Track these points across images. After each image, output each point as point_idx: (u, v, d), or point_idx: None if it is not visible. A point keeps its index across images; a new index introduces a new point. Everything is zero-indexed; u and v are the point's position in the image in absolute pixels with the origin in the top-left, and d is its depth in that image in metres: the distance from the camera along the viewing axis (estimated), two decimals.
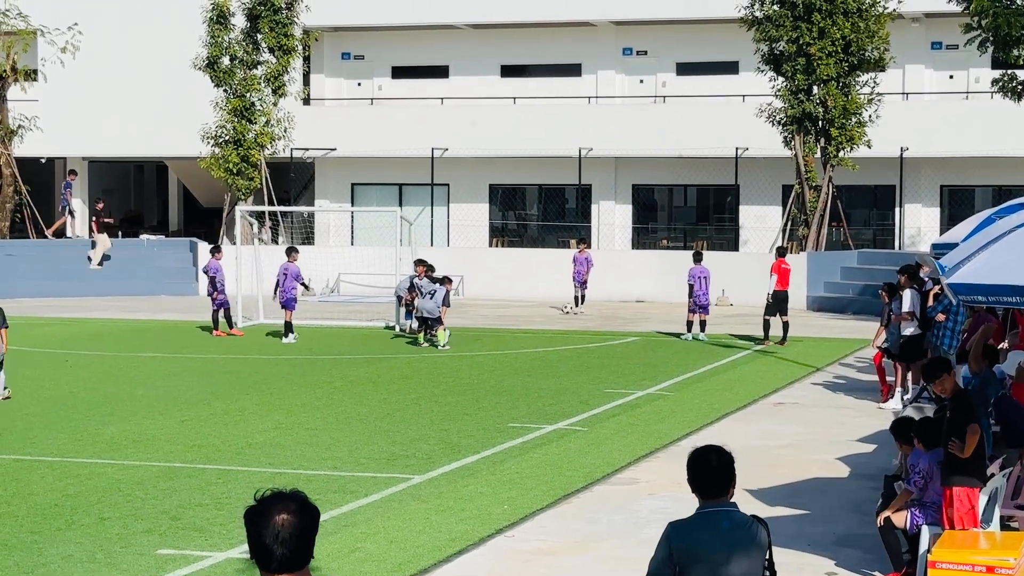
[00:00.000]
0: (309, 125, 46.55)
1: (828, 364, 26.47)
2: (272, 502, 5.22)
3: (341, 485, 15.27)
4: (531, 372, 25.07)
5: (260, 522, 5.19)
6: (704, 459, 7.03)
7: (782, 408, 21.37)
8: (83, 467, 16.27)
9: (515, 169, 47.62)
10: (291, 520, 5.18)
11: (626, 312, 37.36)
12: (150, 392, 22.56)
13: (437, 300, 29.03)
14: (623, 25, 47.35)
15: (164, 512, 14.02)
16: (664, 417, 20.10)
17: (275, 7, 43.23)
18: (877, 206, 45.63)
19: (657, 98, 47.20)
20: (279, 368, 26.02)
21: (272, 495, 5.24)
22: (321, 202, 49.29)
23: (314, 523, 5.23)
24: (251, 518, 5.22)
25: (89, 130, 49.24)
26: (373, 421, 19.60)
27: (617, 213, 47.18)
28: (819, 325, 33.85)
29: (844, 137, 39.19)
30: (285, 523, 5.17)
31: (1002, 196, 38.21)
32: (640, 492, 15.26)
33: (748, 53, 41.52)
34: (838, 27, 38.50)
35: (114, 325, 33.87)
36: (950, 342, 20.45)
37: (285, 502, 5.22)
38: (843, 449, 17.73)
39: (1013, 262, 11.04)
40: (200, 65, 43.25)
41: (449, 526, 13.54)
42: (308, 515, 5.23)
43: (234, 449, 17.48)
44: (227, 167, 43.29)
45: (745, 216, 45.42)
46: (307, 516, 5.23)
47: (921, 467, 11.90)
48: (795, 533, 13.27)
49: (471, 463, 16.59)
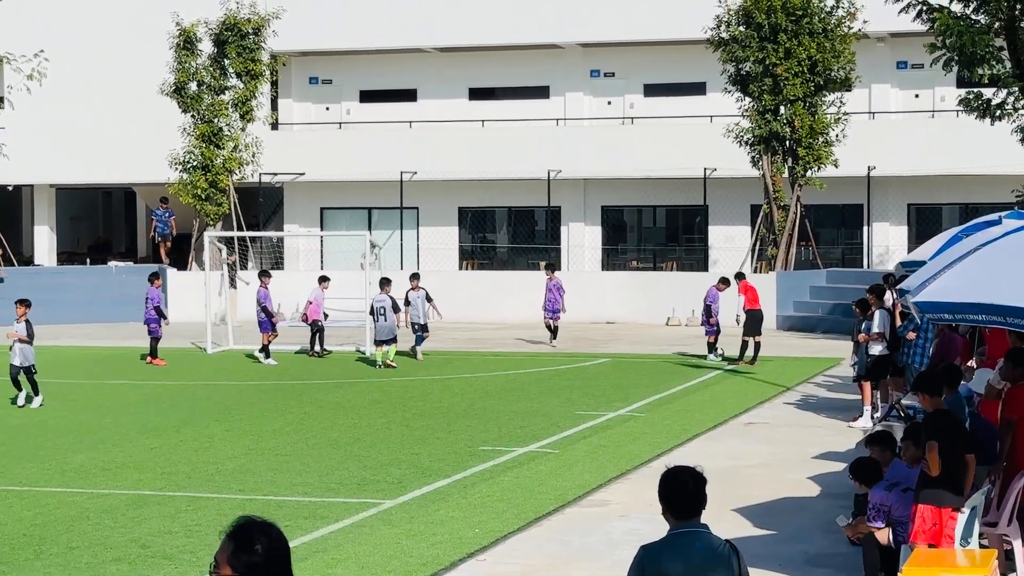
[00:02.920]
0: (277, 150, 46.48)
1: (798, 383, 26.52)
2: (249, 531, 5.18)
3: (312, 511, 15.21)
4: (502, 395, 25.05)
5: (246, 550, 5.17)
6: (678, 479, 6.99)
7: (753, 428, 21.39)
8: (51, 496, 16.16)
9: (484, 192, 47.65)
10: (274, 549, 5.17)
11: (596, 334, 37.37)
12: (119, 420, 22.44)
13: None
14: (591, 47, 47.49)
15: (134, 540, 13.93)
16: (635, 438, 20.09)
17: (242, 32, 43.19)
18: (845, 225, 45.80)
19: (625, 119, 47.32)
20: (249, 394, 25.93)
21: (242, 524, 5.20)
22: (290, 227, 49.19)
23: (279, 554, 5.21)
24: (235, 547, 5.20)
25: (56, 157, 49.06)
26: (344, 446, 19.54)
27: (587, 235, 47.23)
28: (789, 344, 33.93)
29: (811, 157, 39.35)
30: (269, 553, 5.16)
31: (969, 214, 38.40)
32: (612, 514, 15.24)
33: (715, 74, 41.68)
34: (804, 47, 38.71)
35: (82, 352, 33.69)
36: (920, 360, 20.50)
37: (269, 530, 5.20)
38: (814, 468, 17.76)
39: (979, 280, 11.10)
40: (167, 91, 43.16)
41: (420, 551, 13.49)
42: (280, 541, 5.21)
43: (204, 476, 17.39)
44: (195, 193, 43.18)
45: (714, 236, 45.52)
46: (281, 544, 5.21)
47: (874, 502, 11.97)
48: (766, 553, 13.27)
49: (442, 487, 16.55)
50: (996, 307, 10.82)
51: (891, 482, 12.08)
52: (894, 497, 11.91)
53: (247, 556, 5.12)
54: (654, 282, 41.99)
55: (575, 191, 47.04)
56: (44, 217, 51.80)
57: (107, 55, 48.57)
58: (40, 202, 51.86)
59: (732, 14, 39.62)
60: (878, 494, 11.99)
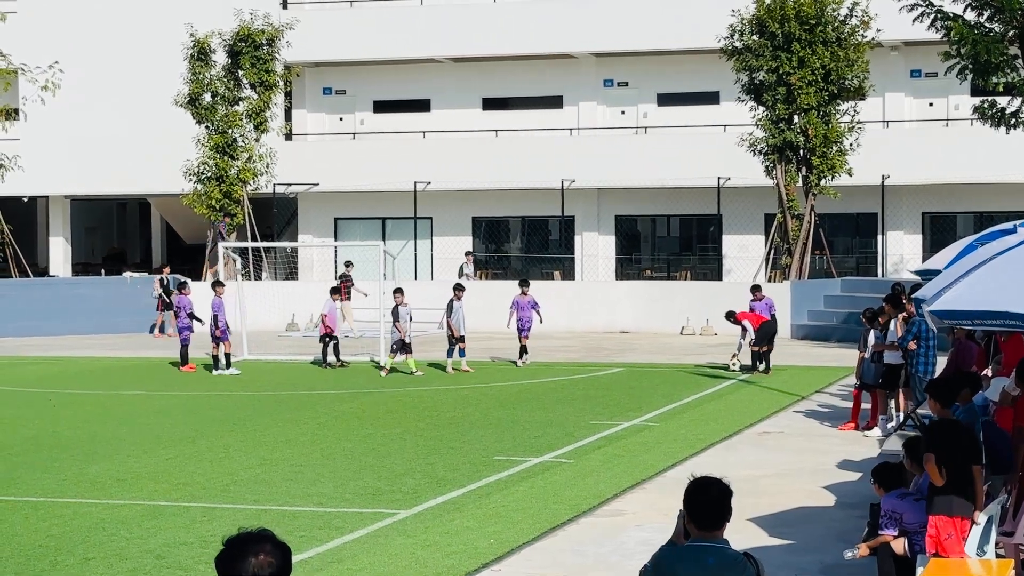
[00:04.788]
0: (291, 160, 46.58)
1: (812, 393, 26.47)
2: (244, 544, 5.15)
3: (327, 521, 15.21)
4: (516, 404, 25.03)
5: (237, 566, 5.11)
6: (703, 489, 6.89)
7: (767, 437, 21.35)
8: (67, 507, 16.18)
9: (498, 201, 47.68)
10: (269, 560, 5.12)
11: (610, 343, 37.34)
12: (134, 430, 22.46)
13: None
14: (604, 57, 47.51)
15: (149, 551, 13.94)
16: (650, 448, 20.06)
17: (256, 43, 43.29)
18: (859, 234, 45.74)
19: (639, 129, 47.33)
20: (263, 404, 25.94)
21: (241, 537, 5.17)
22: (304, 237, 49.26)
23: (289, 561, 5.19)
24: (225, 563, 5.14)
25: (71, 168, 49.22)
26: (358, 456, 19.54)
27: (600, 244, 47.22)
28: (803, 353, 33.86)
29: (825, 166, 39.30)
30: (263, 564, 5.11)
31: (984, 222, 38.32)
32: (627, 523, 15.21)
33: (729, 83, 41.66)
34: (818, 56, 38.68)
35: (97, 363, 33.75)
36: (924, 369, 20.54)
37: (259, 543, 5.15)
38: (828, 478, 17.71)
39: (996, 289, 11.05)
40: (181, 102, 43.28)
41: (435, 561, 13.48)
42: (282, 552, 5.18)
43: (219, 486, 17.40)
44: (210, 203, 43.27)
45: (728, 245, 45.49)
46: (281, 553, 5.17)
47: (885, 509, 11.94)
48: (782, 563, 13.24)
49: (457, 497, 16.53)
50: (1014, 315, 10.77)
51: (904, 491, 12.06)
52: (906, 505, 11.88)
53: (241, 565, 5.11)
54: (668, 291, 41.93)
55: (589, 200, 47.04)
56: (59, 228, 51.95)
57: (121, 66, 48.73)
58: (55, 213, 52.02)
59: (745, 23, 39.60)
60: (890, 502, 11.97)
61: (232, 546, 5.14)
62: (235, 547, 5.13)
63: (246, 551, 5.11)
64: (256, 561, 5.09)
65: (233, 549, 5.12)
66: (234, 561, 5.10)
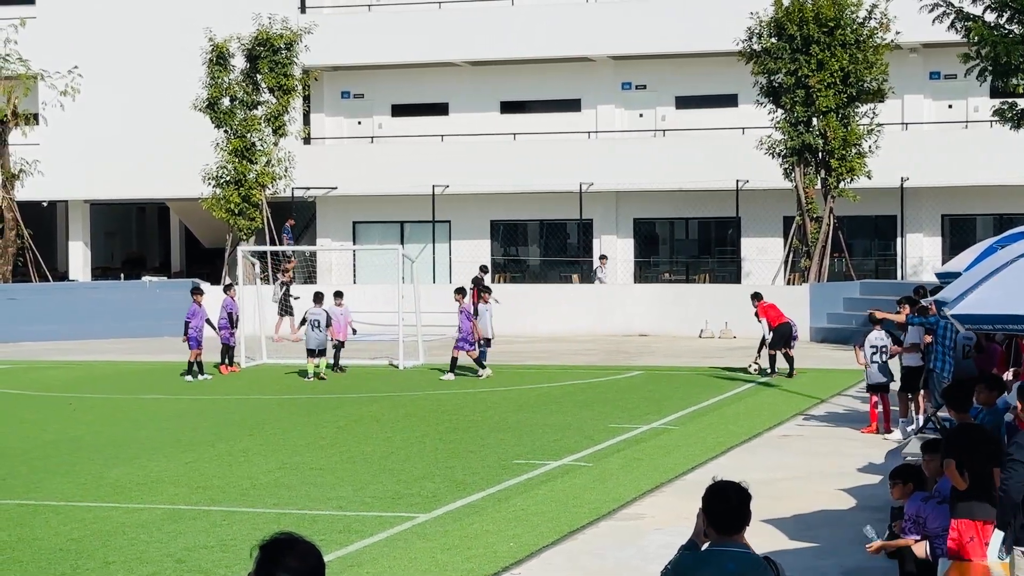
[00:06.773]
0: (310, 164, 46.66)
1: (832, 395, 26.41)
2: (282, 547, 5.17)
3: (346, 525, 15.21)
4: (535, 408, 25.02)
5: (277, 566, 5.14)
6: (722, 493, 6.87)
7: (787, 440, 21.30)
8: (87, 511, 16.21)
9: (516, 205, 47.69)
10: (306, 565, 5.15)
11: (629, 346, 37.30)
12: (154, 434, 22.50)
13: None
14: (622, 60, 47.49)
15: (169, 555, 13.96)
16: (669, 451, 20.03)
17: (274, 47, 43.37)
18: (878, 236, 45.64)
19: (657, 132, 47.29)
20: (282, 408, 25.97)
21: (276, 540, 5.18)
22: (323, 241, 49.32)
23: (323, 565, 5.21)
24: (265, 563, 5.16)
25: (90, 173, 49.38)
26: (377, 460, 19.54)
27: (619, 247, 47.19)
28: (822, 356, 33.79)
29: (844, 168, 39.23)
30: (303, 568, 5.14)
31: (1003, 225, 38.21)
32: (647, 527, 15.19)
33: (747, 86, 41.62)
34: (836, 59, 38.61)
35: (117, 367, 33.83)
36: (942, 365, 19.99)
37: (296, 546, 5.18)
38: (849, 481, 17.67)
39: (1018, 292, 11.01)
40: (200, 106, 43.38)
41: (455, 564, 13.47)
42: (316, 557, 5.20)
43: (239, 490, 17.41)
44: (228, 207, 43.37)
45: (747, 248, 45.43)
46: (314, 558, 5.20)
47: (909, 513, 11.90)
48: (804, 566, 13.20)
49: (476, 500, 16.52)
50: None
51: (926, 494, 12.01)
52: (929, 508, 11.83)
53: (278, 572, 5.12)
54: (687, 294, 41.88)
55: (607, 204, 47.01)
56: (79, 232, 52.10)
57: (140, 71, 48.86)
58: (75, 218, 52.18)
59: (764, 26, 39.55)
60: (913, 505, 11.92)
61: (268, 548, 5.17)
62: (272, 549, 5.16)
63: (285, 553, 5.15)
64: (295, 564, 5.13)
65: (272, 551, 5.16)
66: (272, 564, 5.14)
